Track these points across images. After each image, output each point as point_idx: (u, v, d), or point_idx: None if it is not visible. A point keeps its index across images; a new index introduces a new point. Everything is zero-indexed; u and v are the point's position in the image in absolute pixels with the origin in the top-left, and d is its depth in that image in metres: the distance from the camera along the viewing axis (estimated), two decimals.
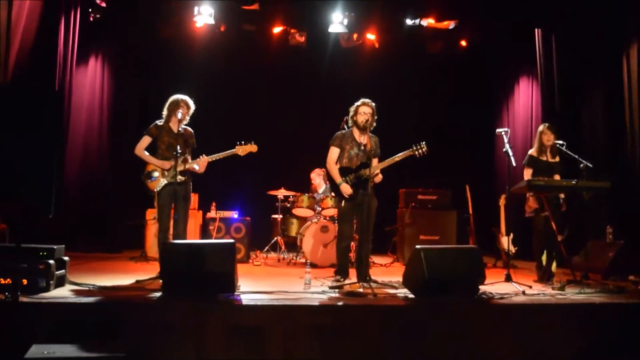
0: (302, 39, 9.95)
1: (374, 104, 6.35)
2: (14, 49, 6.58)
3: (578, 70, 8.85)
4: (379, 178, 6.25)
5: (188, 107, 6.22)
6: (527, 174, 7.01)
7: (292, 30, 9.93)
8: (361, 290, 5.51)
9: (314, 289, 5.60)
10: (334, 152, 6.36)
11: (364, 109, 6.29)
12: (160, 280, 5.11)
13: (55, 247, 5.06)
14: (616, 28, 8.33)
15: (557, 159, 7.06)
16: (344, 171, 6.26)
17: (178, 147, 5.92)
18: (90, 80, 9.52)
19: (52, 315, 4.35)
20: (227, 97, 10.84)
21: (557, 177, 7.02)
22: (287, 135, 11.02)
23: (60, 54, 7.92)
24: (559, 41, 8.92)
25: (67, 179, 8.79)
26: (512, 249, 8.24)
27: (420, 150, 6.20)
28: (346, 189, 6.15)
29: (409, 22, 9.55)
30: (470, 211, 9.29)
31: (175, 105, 6.18)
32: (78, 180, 9.26)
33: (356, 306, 4.83)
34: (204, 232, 8.68)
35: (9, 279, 4.56)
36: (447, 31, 9.99)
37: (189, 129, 6.40)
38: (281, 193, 9.00)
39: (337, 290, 5.55)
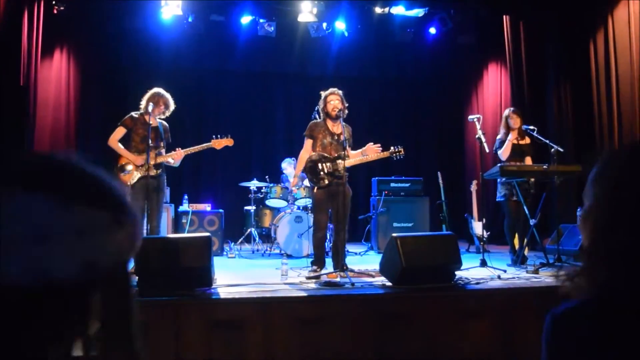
0: (271, 29, 9.87)
1: (341, 92, 6.35)
2: None
3: (546, 57, 8.95)
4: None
5: (167, 106, 6.19)
6: (505, 156, 7.05)
7: (261, 20, 9.84)
8: (338, 279, 5.50)
9: (291, 280, 5.58)
10: (306, 144, 6.38)
11: (331, 98, 6.29)
12: (135, 276, 5.03)
13: None
14: (583, 14, 8.43)
15: (527, 140, 7.13)
16: (319, 157, 6.25)
17: (150, 141, 5.88)
18: (55, 74, 9.31)
19: None
20: (196, 89, 10.74)
21: (528, 159, 7.10)
22: (257, 126, 10.99)
23: (24, 49, 7.74)
24: (527, 28, 9.01)
25: None
26: (485, 234, 8.34)
27: (397, 154, 6.29)
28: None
29: (378, 10, 9.53)
30: (443, 197, 9.37)
31: (155, 99, 6.13)
32: None
33: (334, 296, 4.82)
34: (177, 226, 8.58)
35: None
36: (416, 19, 10.01)
37: (165, 123, 6.37)
38: (253, 184, 8.94)
39: (314, 280, 5.55)
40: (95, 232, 0.82)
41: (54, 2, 8.68)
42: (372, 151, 6.28)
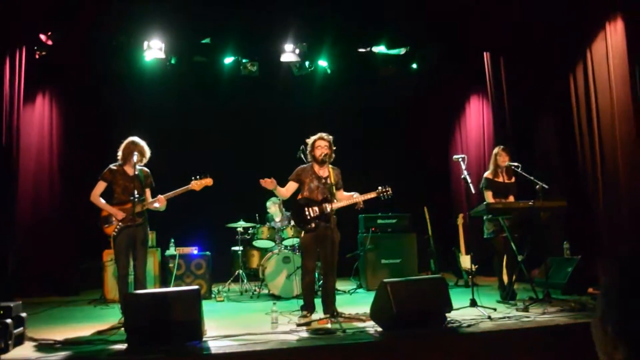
0: (254, 69, 9.92)
1: (331, 137, 6.37)
2: None
3: (528, 91, 9.05)
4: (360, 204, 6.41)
5: (142, 153, 6.16)
6: (488, 196, 7.11)
7: (244, 60, 9.89)
8: (329, 325, 5.48)
9: (281, 327, 5.53)
10: (288, 185, 6.39)
11: (320, 143, 6.31)
12: (123, 328, 4.95)
13: (12, 304, 4.87)
14: (563, 48, 8.55)
15: (513, 179, 7.20)
16: (306, 202, 6.25)
17: (135, 192, 5.85)
18: (38, 119, 9.27)
19: None
20: (181, 130, 10.68)
21: (511, 197, 7.16)
22: (242, 166, 10.91)
23: (6, 97, 7.72)
24: (507, 63, 9.11)
25: (18, 225, 8.48)
26: (473, 268, 8.36)
27: (385, 194, 6.31)
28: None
29: (360, 50, 9.64)
30: (430, 232, 9.38)
31: (130, 149, 6.11)
32: (30, 224, 8.96)
33: (326, 346, 4.77)
34: (164, 271, 8.49)
35: None
36: (398, 56, 10.10)
37: (145, 169, 6.33)
38: (240, 225, 8.88)
39: (305, 327, 5.51)
40: None
41: (35, 48, 8.65)
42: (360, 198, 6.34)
